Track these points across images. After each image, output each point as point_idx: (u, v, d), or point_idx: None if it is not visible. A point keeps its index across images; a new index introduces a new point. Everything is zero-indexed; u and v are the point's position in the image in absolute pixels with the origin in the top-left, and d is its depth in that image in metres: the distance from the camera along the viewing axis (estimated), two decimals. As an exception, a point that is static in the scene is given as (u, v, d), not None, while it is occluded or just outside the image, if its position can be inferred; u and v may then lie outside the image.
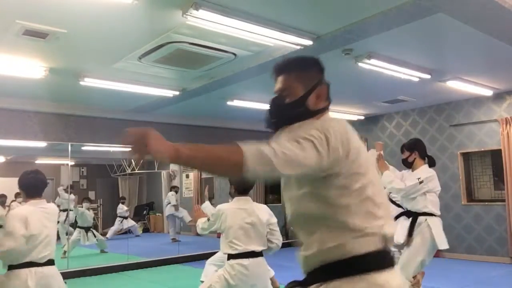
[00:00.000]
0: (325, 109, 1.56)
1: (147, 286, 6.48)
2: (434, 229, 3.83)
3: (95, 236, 8.88)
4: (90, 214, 9.04)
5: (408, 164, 4.21)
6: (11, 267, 2.94)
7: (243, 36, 4.06)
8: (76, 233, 8.63)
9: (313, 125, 1.38)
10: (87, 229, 8.75)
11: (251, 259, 3.24)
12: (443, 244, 3.86)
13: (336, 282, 1.35)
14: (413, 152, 4.14)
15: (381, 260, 1.38)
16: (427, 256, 3.84)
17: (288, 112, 1.52)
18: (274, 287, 3.71)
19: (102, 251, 9.02)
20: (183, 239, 10.31)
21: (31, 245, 2.92)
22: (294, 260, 1.59)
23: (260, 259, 3.34)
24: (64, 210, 8.56)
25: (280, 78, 1.58)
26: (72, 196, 8.99)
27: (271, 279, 6.01)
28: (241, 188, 3.41)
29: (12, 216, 2.94)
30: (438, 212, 3.94)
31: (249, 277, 3.20)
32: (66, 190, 8.92)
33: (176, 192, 10.93)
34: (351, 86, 6.42)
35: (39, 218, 3.01)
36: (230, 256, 3.26)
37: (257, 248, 3.32)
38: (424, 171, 4.02)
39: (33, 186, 3.12)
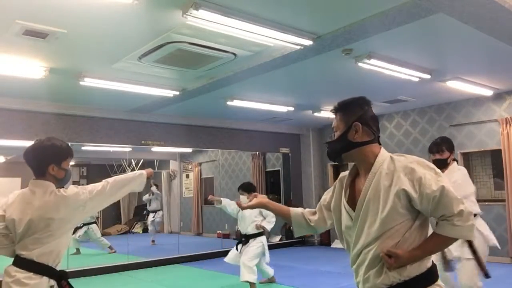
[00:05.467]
0: (370, 142, 1.80)
1: (147, 286, 6.48)
2: (483, 229, 3.68)
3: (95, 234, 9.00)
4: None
5: (443, 165, 3.73)
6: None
7: (243, 36, 4.06)
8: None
9: None
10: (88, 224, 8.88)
11: None
12: (493, 240, 3.70)
13: None
14: (452, 151, 3.80)
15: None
16: (485, 258, 3.66)
17: (335, 146, 1.86)
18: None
19: (111, 248, 9.09)
20: (183, 239, 10.31)
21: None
22: (294, 260, 1.59)
23: None
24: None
25: (335, 118, 1.91)
26: None
27: (270, 279, 6.01)
28: None
29: None
30: (480, 211, 3.72)
31: None
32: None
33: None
34: (351, 86, 6.42)
35: None
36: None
37: None
38: (455, 170, 3.73)
39: None
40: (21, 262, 2.13)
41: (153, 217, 10.55)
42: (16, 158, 9.28)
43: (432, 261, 1.74)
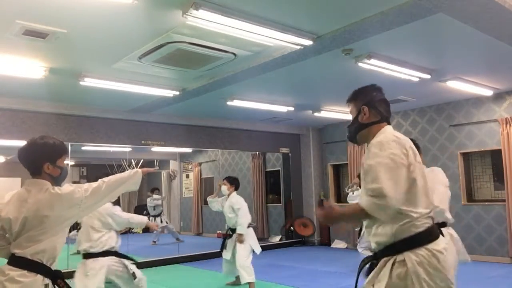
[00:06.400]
0: (376, 122, 2.12)
1: (147, 286, 6.47)
2: (456, 241, 3.85)
3: None
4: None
5: None
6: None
7: (243, 36, 4.06)
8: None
9: None
10: None
11: None
12: (465, 254, 3.89)
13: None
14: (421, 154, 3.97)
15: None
16: (454, 271, 3.79)
17: (350, 128, 2.23)
18: None
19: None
20: (183, 239, 10.32)
21: None
22: (294, 260, 1.60)
23: None
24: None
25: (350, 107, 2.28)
26: None
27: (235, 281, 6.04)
28: None
29: None
30: (451, 219, 3.92)
31: None
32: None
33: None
34: (351, 86, 6.37)
35: None
36: None
37: None
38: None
39: None
40: (15, 261, 2.13)
41: (161, 221, 10.45)
42: (16, 158, 9.30)
43: (428, 227, 1.92)
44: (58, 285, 2.21)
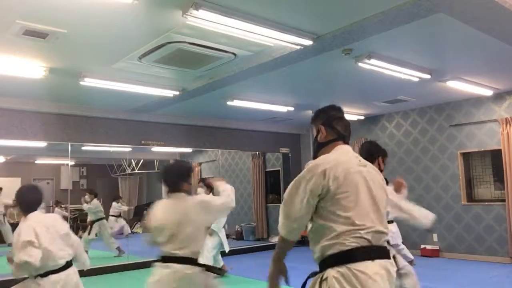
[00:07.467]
0: (332, 141, 2.09)
1: (146, 286, 6.47)
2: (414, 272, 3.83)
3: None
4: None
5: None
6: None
7: (243, 36, 4.06)
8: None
9: None
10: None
11: None
12: None
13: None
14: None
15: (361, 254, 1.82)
16: None
17: (313, 148, 2.23)
18: None
19: (119, 250, 8.65)
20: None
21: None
22: (294, 260, 1.61)
23: None
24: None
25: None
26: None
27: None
28: None
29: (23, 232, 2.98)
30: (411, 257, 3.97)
31: None
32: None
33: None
34: (351, 86, 6.42)
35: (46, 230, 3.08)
36: None
37: None
38: None
39: (34, 202, 3.22)
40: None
41: None
42: (16, 158, 9.29)
43: (355, 247, 1.80)
44: None
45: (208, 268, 2.89)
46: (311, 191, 1.85)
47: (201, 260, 2.88)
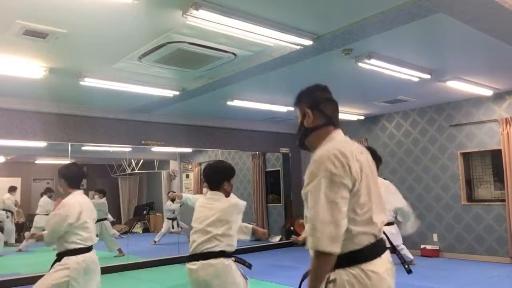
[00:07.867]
0: (322, 126, 1.87)
1: (147, 286, 6.49)
2: None
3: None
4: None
5: None
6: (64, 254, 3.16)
7: (243, 36, 4.06)
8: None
9: None
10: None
11: None
12: None
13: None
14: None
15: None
16: None
17: (299, 135, 1.96)
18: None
19: (120, 251, 8.57)
20: (183, 239, 10.30)
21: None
22: (294, 260, 1.60)
23: None
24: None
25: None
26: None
27: None
28: None
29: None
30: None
31: None
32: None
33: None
34: (351, 86, 6.42)
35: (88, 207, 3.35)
36: None
37: None
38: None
39: (81, 177, 3.45)
40: None
41: (177, 225, 10.38)
42: (16, 158, 9.30)
43: (365, 246, 1.69)
44: None
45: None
46: (344, 185, 1.66)
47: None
